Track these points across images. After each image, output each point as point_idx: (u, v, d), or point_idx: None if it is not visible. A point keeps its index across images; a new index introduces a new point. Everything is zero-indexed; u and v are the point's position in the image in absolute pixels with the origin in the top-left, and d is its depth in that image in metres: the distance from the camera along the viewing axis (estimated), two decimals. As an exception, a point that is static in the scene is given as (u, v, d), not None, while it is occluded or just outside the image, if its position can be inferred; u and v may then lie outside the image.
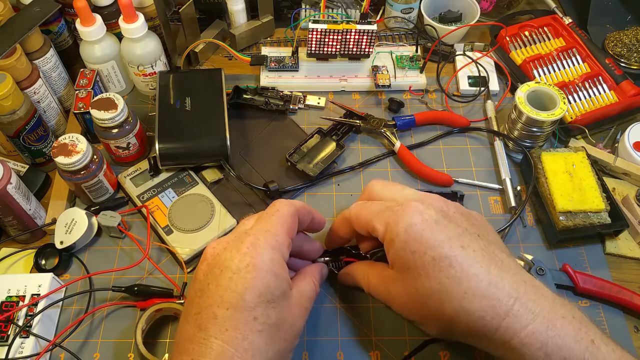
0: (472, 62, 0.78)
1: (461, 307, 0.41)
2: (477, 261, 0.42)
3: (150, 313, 0.53)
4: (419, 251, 0.42)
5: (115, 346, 0.54)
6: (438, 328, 0.45)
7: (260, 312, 0.41)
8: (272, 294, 0.42)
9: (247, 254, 0.42)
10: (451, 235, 0.43)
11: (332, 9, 0.82)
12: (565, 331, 0.40)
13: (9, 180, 0.55)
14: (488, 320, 0.41)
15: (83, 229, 0.59)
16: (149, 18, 0.71)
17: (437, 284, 0.42)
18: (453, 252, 0.42)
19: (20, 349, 0.51)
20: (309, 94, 0.75)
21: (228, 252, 0.43)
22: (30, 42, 0.63)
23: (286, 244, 0.46)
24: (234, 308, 0.40)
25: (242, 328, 0.40)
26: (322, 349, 0.54)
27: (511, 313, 0.40)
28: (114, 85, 0.74)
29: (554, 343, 0.39)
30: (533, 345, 0.40)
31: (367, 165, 0.69)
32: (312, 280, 0.50)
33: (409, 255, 0.43)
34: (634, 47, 0.77)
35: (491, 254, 0.43)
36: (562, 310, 0.41)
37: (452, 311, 0.42)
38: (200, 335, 0.40)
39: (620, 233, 0.62)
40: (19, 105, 0.59)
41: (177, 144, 0.63)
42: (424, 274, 0.42)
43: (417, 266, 0.43)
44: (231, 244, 0.44)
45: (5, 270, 0.59)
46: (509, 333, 0.40)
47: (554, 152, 0.64)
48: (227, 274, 0.42)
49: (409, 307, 0.45)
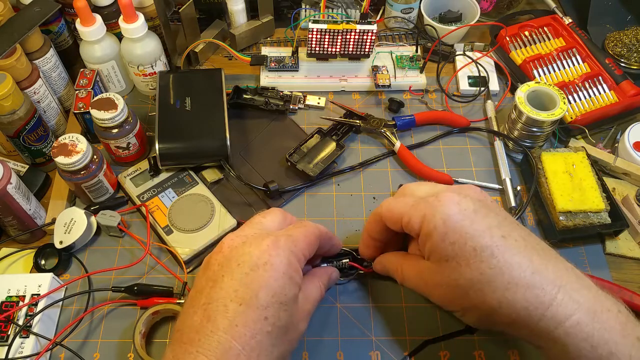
0: (472, 62, 0.78)
1: (504, 298, 0.40)
2: (519, 250, 0.41)
3: (147, 316, 0.53)
4: (459, 242, 0.42)
5: (115, 346, 0.54)
6: (478, 318, 0.44)
7: (271, 312, 0.41)
8: (285, 296, 0.42)
9: (266, 252, 0.42)
10: (491, 224, 0.42)
11: (332, 9, 0.82)
12: (611, 324, 0.39)
13: (9, 180, 0.55)
14: (532, 310, 0.40)
15: (82, 229, 0.59)
16: (149, 18, 0.71)
17: (479, 274, 0.41)
18: (494, 241, 0.41)
19: (20, 348, 0.51)
20: (309, 94, 0.75)
21: (247, 247, 0.43)
22: (30, 42, 0.63)
23: (304, 255, 0.45)
24: (247, 304, 0.40)
25: (252, 326, 0.40)
26: (322, 349, 0.54)
27: (555, 302, 0.39)
28: (114, 85, 0.74)
29: (600, 336, 0.38)
30: (578, 336, 0.38)
31: (367, 165, 0.69)
32: (320, 284, 0.49)
33: (447, 246, 0.42)
34: (634, 47, 0.77)
35: (532, 242, 0.43)
36: (607, 303, 0.40)
37: (495, 301, 0.41)
38: (209, 326, 0.40)
39: (620, 233, 0.62)
40: (19, 105, 0.59)
41: (177, 144, 0.63)
42: (464, 264, 0.41)
43: (457, 257, 0.42)
44: (251, 239, 0.44)
45: (5, 270, 0.59)
46: (553, 323, 0.39)
47: (554, 152, 0.64)
48: (243, 269, 0.42)
49: (448, 298, 0.45)
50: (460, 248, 0.42)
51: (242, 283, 0.41)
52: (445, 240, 0.42)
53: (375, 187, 0.67)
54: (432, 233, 0.43)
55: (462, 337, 0.54)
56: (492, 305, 0.41)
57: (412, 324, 0.56)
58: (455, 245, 0.42)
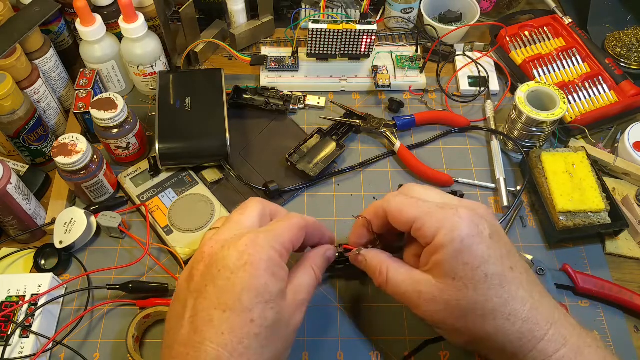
0: (472, 62, 0.78)
1: (502, 327, 0.41)
2: (522, 284, 0.42)
3: (139, 320, 0.53)
4: (472, 264, 0.41)
5: (115, 346, 0.54)
6: (468, 341, 0.44)
7: (257, 314, 0.40)
8: (270, 293, 0.41)
9: (245, 252, 0.42)
10: (503, 254, 0.42)
11: (332, 9, 0.82)
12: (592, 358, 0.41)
13: (9, 180, 0.55)
14: (524, 342, 0.41)
15: (82, 229, 0.59)
16: (149, 18, 0.71)
17: (484, 300, 0.41)
18: (504, 272, 0.42)
19: (20, 348, 0.51)
20: (309, 94, 0.75)
21: (226, 250, 0.42)
22: (30, 42, 0.63)
23: (286, 249, 0.44)
24: (231, 310, 0.40)
25: (239, 331, 0.40)
26: (322, 349, 0.54)
27: (546, 337, 0.41)
28: (114, 85, 0.74)
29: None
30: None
31: (367, 165, 0.69)
32: (312, 268, 0.48)
33: (459, 265, 0.41)
34: (634, 47, 0.77)
35: (531, 276, 0.44)
36: (588, 339, 0.42)
37: (492, 329, 0.41)
38: (196, 338, 0.40)
39: (620, 233, 0.62)
40: (19, 105, 0.59)
41: (177, 144, 0.63)
42: (472, 287, 0.41)
43: (466, 278, 0.41)
44: (229, 241, 0.43)
45: (5, 270, 0.59)
46: (541, 356, 0.41)
47: (554, 152, 0.64)
48: (224, 274, 0.41)
49: (442, 316, 0.43)
50: (472, 271, 0.41)
51: (224, 289, 0.41)
52: (459, 259, 0.42)
53: (375, 187, 0.67)
54: (447, 247, 0.42)
55: (462, 337, 0.54)
56: (488, 332, 0.42)
57: (412, 324, 0.56)
58: (467, 267, 0.41)
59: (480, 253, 0.41)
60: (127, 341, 0.52)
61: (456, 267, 0.42)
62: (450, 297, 0.42)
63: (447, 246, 0.42)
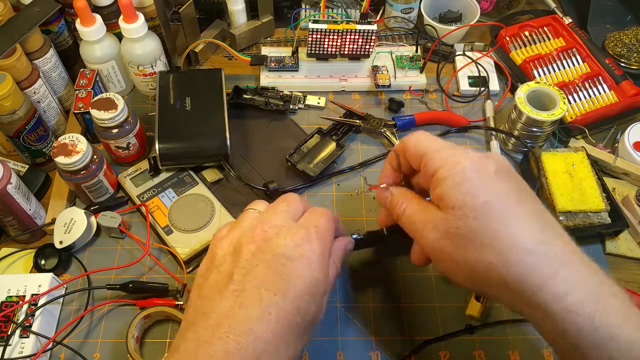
0: (472, 62, 0.78)
1: (503, 258, 0.39)
2: (531, 219, 0.40)
3: (140, 320, 0.53)
4: (473, 194, 0.40)
5: (115, 346, 0.54)
6: (465, 274, 0.42)
7: (304, 305, 0.41)
8: (317, 289, 0.42)
9: (301, 245, 0.42)
10: (508, 188, 0.41)
11: (332, 9, 0.82)
12: (616, 309, 0.37)
13: (9, 180, 0.55)
14: (530, 278, 0.38)
15: (82, 229, 0.59)
16: (149, 18, 0.71)
17: (483, 228, 0.40)
18: (509, 205, 0.40)
19: (20, 348, 0.51)
20: (309, 94, 0.75)
21: (282, 239, 0.43)
22: (30, 42, 0.63)
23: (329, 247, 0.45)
24: (282, 295, 0.40)
25: (285, 317, 0.40)
26: (322, 349, 0.54)
27: (558, 276, 0.38)
28: (114, 85, 0.74)
29: (601, 320, 0.36)
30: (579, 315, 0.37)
31: (367, 165, 0.69)
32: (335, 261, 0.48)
33: (459, 195, 0.41)
34: (634, 47, 0.77)
35: (548, 218, 0.41)
36: (613, 289, 0.38)
37: (494, 259, 0.39)
38: (241, 313, 0.40)
39: (620, 233, 0.62)
40: (19, 105, 0.59)
41: (177, 144, 0.63)
42: (472, 216, 0.40)
43: (467, 207, 0.40)
44: (284, 230, 0.44)
45: (5, 270, 0.59)
46: (552, 296, 0.37)
47: (554, 152, 0.64)
48: (280, 260, 0.42)
49: (440, 244, 0.42)
50: (472, 200, 0.40)
51: (278, 274, 0.41)
52: (458, 189, 0.41)
53: (375, 187, 0.67)
54: (447, 178, 0.42)
55: (462, 337, 0.54)
56: (489, 262, 0.39)
57: (412, 324, 0.56)
58: (467, 196, 0.41)
59: (481, 184, 0.41)
60: (127, 341, 0.52)
61: (456, 197, 0.41)
62: (450, 224, 0.41)
63: (447, 178, 0.42)
